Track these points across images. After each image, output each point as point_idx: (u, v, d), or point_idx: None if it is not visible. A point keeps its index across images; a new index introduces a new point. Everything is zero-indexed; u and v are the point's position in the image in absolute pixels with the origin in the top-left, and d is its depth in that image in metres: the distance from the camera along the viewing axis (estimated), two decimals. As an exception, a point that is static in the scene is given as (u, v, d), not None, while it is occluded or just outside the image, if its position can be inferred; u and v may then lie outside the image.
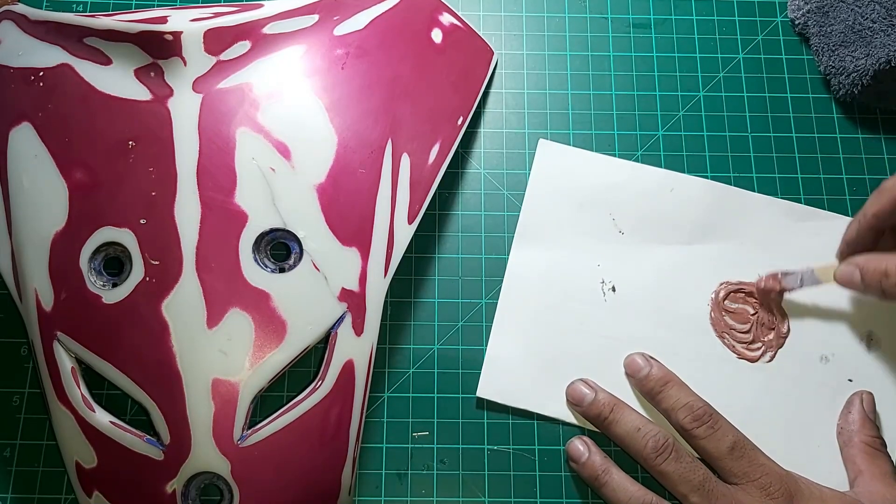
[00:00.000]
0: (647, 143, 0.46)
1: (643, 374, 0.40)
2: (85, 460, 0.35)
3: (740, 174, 0.45)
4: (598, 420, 0.40)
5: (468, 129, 0.45)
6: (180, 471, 0.34)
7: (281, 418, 0.35)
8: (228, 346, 0.35)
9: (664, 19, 0.49)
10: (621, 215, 0.44)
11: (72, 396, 0.35)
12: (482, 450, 0.41)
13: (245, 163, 0.36)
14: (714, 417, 0.38)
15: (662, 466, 0.37)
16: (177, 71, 0.37)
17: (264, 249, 0.36)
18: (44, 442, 0.40)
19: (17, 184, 0.37)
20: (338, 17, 0.40)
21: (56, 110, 0.37)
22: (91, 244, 0.35)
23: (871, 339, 0.42)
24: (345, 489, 0.37)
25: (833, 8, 0.46)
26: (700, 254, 0.43)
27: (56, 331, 0.35)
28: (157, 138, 0.36)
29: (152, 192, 0.35)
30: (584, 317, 0.42)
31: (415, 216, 0.39)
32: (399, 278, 0.43)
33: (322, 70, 0.38)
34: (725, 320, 0.42)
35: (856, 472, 0.39)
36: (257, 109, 0.37)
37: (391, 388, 0.42)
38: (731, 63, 0.48)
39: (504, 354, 0.42)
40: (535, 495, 0.40)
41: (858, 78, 0.44)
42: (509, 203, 0.44)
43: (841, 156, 0.46)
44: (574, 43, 0.48)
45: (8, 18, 0.41)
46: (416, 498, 0.40)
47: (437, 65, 0.42)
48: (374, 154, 0.38)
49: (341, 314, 0.36)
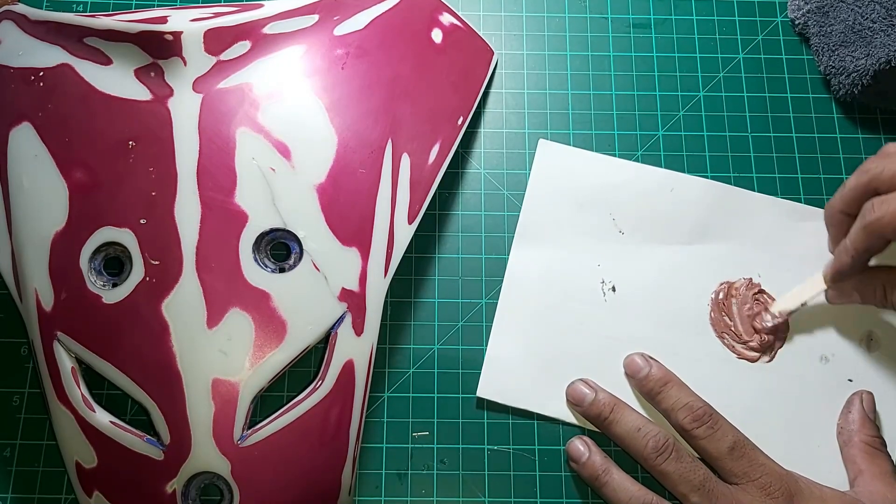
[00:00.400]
0: (647, 143, 0.46)
1: (643, 374, 0.40)
2: (85, 460, 0.35)
3: (740, 174, 0.45)
4: (598, 420, 0.40)
5: (468, 129, 0.45)
6: (180, 471, 0.34)
7: (281, 418, 0.35)
8: (228, 346, 0.35)
9: (664, 19, 0.49)
10: (621, 215, 0.44)
11: (72, 396, 0.35)
12: (482, 450, 0.41)
13: (245, 163, 0.36)
14: (714, 417, 0.38)
15: (663, 466, 0.37)
16: (177, 71, 0.37)
17: (264, 249, 0.36)
18: (44, 442, 0.40)
19: (18, 184, 0.37)
20: (338, 17, 0.40)
21: (56, 110, 0.37)
22: (91, 244, 0.35)
23: (871, 339, 0.42)
24: (345, 489, 0.37)
25: (833, 8, 0.46)
26: (700, 254, 0.43)
27: (56, 331, 0.35)
28: (157, 138, 0.36)
29: (152, 192, 0.35)
30: (584, 317, 0.42)
31: (415, 216, 0.39)
32: (399, 278, 0.43)
33: (322, 70, 0.38)
34: (725, 320, 0.42)
35: (856, 472, 0.39)
36: (257, 109, 0.37)
37: (391, 388, 0.42)
38: (731, 63, 0.48)
39: (504, 354, 0.42)
40: (536, 495, 0.40)
41: (858, 78, 0.44)
42: (509, 203, 0.44)
43: (841, 156, 0.46)
44: (574, 43, 0.48)
45: (8, 18, 0.41)
46: (416, 498, 0.40)
47: (438, 65, 0.42)
48: (374, 154, 0.38)
49: (341, 314, 0.36)
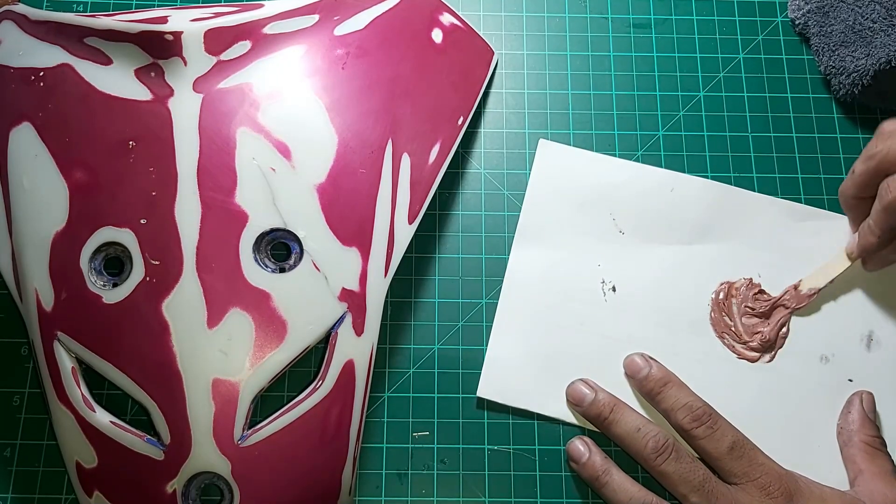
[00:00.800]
0: (647, 143, 0.46)
1: (643, 374, 0.40)
2: (85, 460, 0.35)
3: (740, 174, 0.45)
4: (598, 420, 0.40)
5: (468, 129, 0.45)
6: (181, 471, 0.34)
7: (281, 418, 0.35)
8: (229, 345, 0.35)
9: (664, 19, 0.49)
10: (621, 215, 0.44)
11: (72, 396, 0.35)
12: (482, 450, 0.41)
13: (245, 163, 0.36)
14: (713, 418, 0.38)
15: (662, 467, 0.37)
16: (177, 71, 0.37)
17: (265, 249, 0.36)
18: (44, 442, 0.40)
19: (18, 184, 0.37)
20: (338, 17, 0.40)
21: (56, 110, 0.37)
22: (91, 244, 0.35)
23: (871, 339, 0.42)
24: (345, 489, 0.37)
25: (833, 8, 0.46)
26: (700, 253, 0.43)
27: (56, 331, 0.35)
28: (157, 138, 0.36)
29: (153, 192, 0.35)
30: (585, 317, 0.42)
31: (415, 216, 0.39)
32: (399, 278, 0.43)
33: (322, 70, 0.38)
34: (725, 320, 0.42)
35: (856, 472, 0.39)
36: (258, 109, 0.37)
37: (391, 388, 0.42)
38: (731, 63, 0.48)
39: (504, 355, 0.42)
40: (536, 495, 0.40)
41: (859, 78, 0.44)
42: (509, 203, 0.44)
43: (841, 156, 0.46)
44: (574, 43, 0.48)
45: (8, 18, 0.41)
46: (416, 498, 0.40)
47: (438, 65, 0.42)
48: (374, 154, 0.38)
49: (342, 314, 0.36)
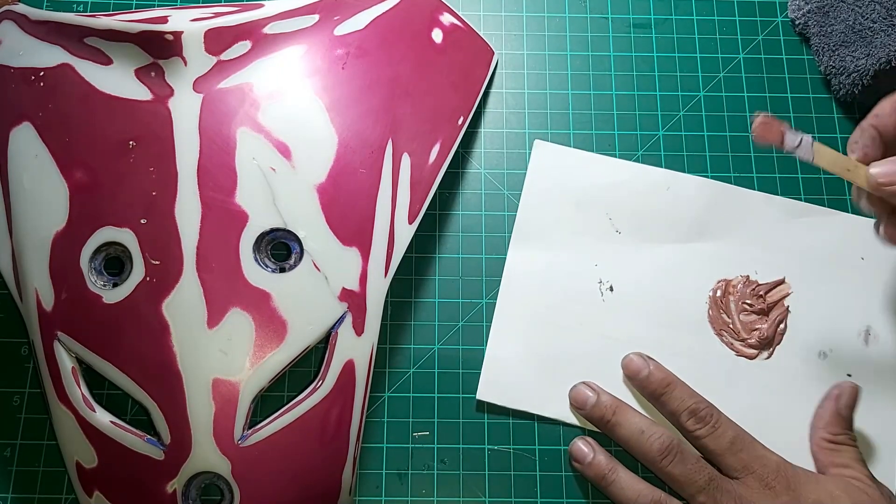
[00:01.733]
0: (647, 143, 0.46)
1: (643, 375, 0.40)
2: (85, 460, 0.35)
3: (741, 174, 0.45)
4: (601, 423, 0.40)
5: (468, 129, 0.45)
6: (181, 471, 0.34)
7: (281, 418, 0.35)
8: (229, 345, 0.35)
9: (664, 19, 0.49)
10: (618, 215, 0.44)
11: (72, 396, 0.35)
12: (483, 450, 0.41)
13: (245, 162, 0.36)
14: (715, 415, 0.39)
15: (669, 469, 0.37)
16: (177, 71, 0.37)
17: (265, 249, 0.36)
18: (44, 442, 0.40)
19: (18, 184, 0.37)
20: (338, 17, 0.40)
21: (56, 110, 0.37)
22: (91, 244, 0.35)
23: (868, 333, 0.42)
24: (345, 489, 0.37)
25: (833, 8, 0.46)
26: (697, 252, 0.43)
27: (56, 331, 0.35)
28: (157, 138, 0.36)
29: (153, 192, 0.35)
30: (583, 317, 0.42)
31: (415, 216, 0.39)
32: (399, 278, 0.43)
33: (322, 70, 0.38)
34: (723, 318, 0.42)
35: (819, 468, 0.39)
36: (258, 109, 0.37)
37: (391, 388, 0.42)
38: (731, 63, 0.48)
39: (503, 356, 0.42)
40: (536, 495, 0.40)
41: (859, 78, 0.44)
42: (509, 203, 0.44)
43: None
44: (574, 43, 0.48)
45: (8, 18, 0.41)
46: (416, 498, 0.40)
47: (438, 65, 0.42)
48: (374, 154, 0.38)
49: (342, 314, 0.36)
